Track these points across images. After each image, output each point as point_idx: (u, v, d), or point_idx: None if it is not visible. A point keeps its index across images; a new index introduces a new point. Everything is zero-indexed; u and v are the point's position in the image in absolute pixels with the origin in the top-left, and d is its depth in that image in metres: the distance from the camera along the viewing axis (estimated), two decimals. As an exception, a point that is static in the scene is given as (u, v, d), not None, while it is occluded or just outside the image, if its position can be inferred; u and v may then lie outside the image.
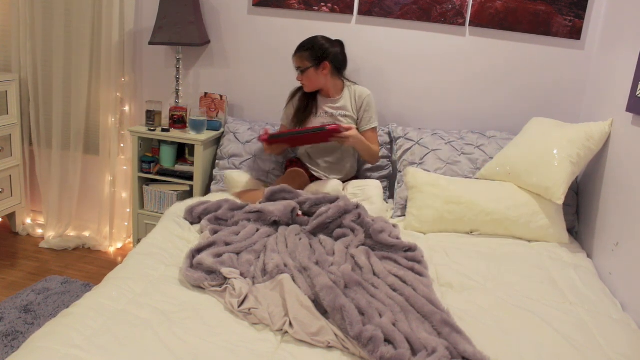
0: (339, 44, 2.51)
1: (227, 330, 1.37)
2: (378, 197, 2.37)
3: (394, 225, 2.04)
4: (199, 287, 1.59)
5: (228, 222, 1.98)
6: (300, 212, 2.06)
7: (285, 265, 1.62)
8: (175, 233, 1.98)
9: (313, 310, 1.43)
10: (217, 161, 2.77)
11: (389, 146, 2.68)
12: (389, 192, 2.68)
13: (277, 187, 2.14)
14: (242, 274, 1.61)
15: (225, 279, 1.57)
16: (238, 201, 2.18)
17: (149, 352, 1.25)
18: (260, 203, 2.09)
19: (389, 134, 2.70)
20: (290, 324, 1.40)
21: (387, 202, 2.59)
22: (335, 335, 1.36)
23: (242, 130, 2.75)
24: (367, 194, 2.34)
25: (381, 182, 2.61)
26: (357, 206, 2.01)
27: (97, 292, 1.50)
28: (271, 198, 2.10)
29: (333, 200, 2.08)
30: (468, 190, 2.28)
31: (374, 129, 2.51)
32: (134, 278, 1.58)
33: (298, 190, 2.18)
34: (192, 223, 2.09)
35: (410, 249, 1.86)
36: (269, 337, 1.37)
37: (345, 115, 2.50)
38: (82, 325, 1.32)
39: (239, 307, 1.46)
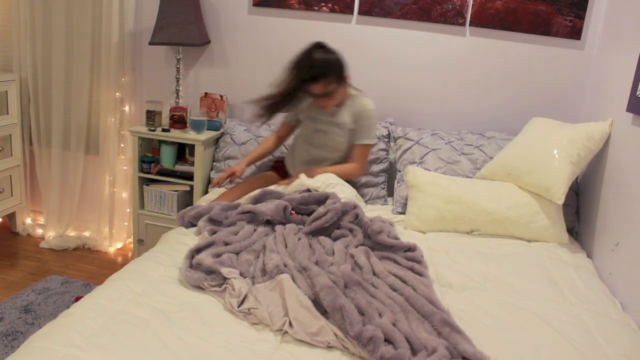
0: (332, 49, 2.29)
1: (227, 330, 1.37)
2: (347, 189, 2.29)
3: (391, 224, 2.04)
4: (199, 287, 1.59)
5: (223, 223, 1.98)
6: (293, 212, 2.06)
7: (285, 265, 1.61)
8: (172, 237, 1.97)
9: (313, 310, 1.43)
10: (214, 163, 2.78)
11: (386, 139, 2.68)
12: (387, 190, 2.68)
13: (258, 191, 2.13)
14: (241, 274, 1.61)
15: (225, 278, 1.57)
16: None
17: (149, 352, 1.25)
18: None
19: (387, 129, 2.70)
20: (290, 324, 1.39)
21: (385, 202, 2.60)
22: (335, 335, 1.36)
23: (239, 132, 2.75)
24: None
25: (379, 176, 2.61)
26: (355, 206, 2.00)
27: (96, 293, 1.50)
28: (257, 202, 2.10)
29: (321, 199, 2.06)
30: (469, 190, 2.28)
31: (363, 146, 2.35)
32: (133, 278, 1.58)
33: (279, 191, 2.16)
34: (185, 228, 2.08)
35: (410, 249, 1.85)
36: (268, 337, 1.37)
37: (338, 125, 2.37)
38: (82, 326, 1.32)
39: (238, 307, 1.46)
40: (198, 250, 1.71)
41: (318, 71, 2.18)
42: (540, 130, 2.35)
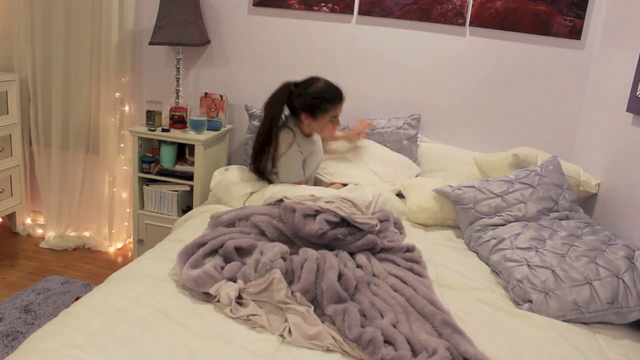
0: None
1: (228, 331, 1.37)
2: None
3: (400, 230, 2.03)
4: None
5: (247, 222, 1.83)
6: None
7: (283, 259, 1.58)
8: (178, 237, 1.96)
9: (308, 316, 1.42)
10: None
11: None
12: None
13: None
14: (230, 279, 1.56)
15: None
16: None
17: (149, 352, 1.24)
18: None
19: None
20: (290, 331, 1.38)
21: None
22: (334, 339, 1.36)
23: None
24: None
25: None
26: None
27: (97, 292, 1.50)
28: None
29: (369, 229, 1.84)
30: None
31: None
32: (135, 278, 1.58)
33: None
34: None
35: (409, 249, 1.85)
36: (269, 337, 1.37)
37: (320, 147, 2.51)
38: (82, 325, 1.31)
39: (236, 313, 1.44)
40: (188, 253, 1.67)
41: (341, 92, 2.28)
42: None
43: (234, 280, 1.58)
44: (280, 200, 1.91)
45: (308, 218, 1.75)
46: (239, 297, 1.50)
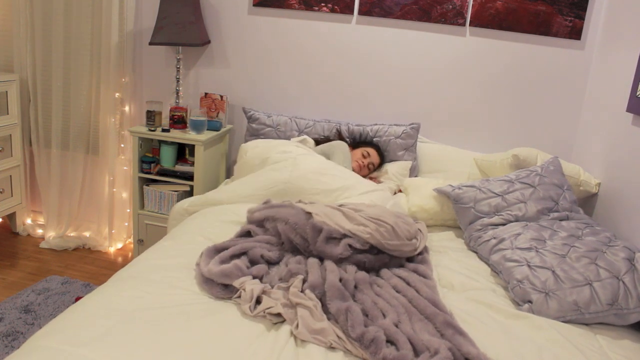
0: None
1: (233, 330, 1.37)
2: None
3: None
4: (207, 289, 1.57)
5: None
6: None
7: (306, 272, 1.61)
8: (194, 230, 1.95)
9: (315, 311, 1.43)
10: None
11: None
12: None
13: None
14: (254, 277, 1.58)
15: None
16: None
17: (156, 351, 1.23)
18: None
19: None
20: (297, 324, 1.39)
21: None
22: (337, 336, 1.36)
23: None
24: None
25: None
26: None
27: (101, 291, 1.49)
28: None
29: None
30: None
31: None
32: (140, 277, 1.57)
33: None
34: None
35: (419, 252, 1.84)
36: (272, 337, 1.37)
37: None
38: (86, 324, 1.30)
39: (253, 311, 1.44)
40: (217, 250, 1.68)
41: (369, 141, 2.67)
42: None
43: (260, 279, 1.60)
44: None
45: (332, 241, 1.72)
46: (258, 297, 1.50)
